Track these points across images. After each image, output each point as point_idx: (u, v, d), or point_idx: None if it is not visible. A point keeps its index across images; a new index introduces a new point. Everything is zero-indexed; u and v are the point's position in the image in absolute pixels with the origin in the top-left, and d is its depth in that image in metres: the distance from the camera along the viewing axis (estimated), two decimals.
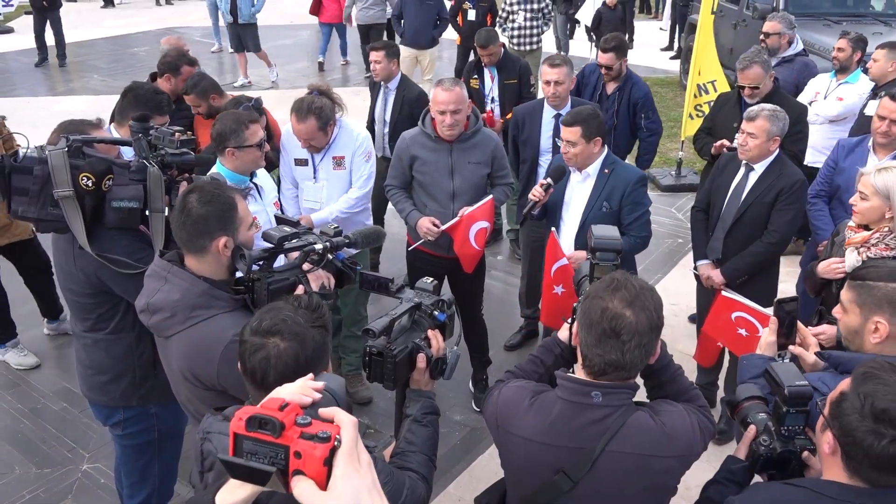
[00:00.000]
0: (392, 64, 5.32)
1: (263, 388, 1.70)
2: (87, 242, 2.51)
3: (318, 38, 12.65)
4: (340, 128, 3.94)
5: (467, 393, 4.56)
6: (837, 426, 1.64)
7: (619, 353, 1.80)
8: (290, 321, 1.69)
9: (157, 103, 3.44)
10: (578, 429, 1.85)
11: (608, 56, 5.09)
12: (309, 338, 1.69)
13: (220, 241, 2.18)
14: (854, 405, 1.60)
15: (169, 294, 2.18)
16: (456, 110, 3.76)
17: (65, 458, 4.01)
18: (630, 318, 1.78)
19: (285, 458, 0.98)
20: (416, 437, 2.02)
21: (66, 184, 2.44)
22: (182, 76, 4.74)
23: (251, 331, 1.71)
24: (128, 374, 2.79)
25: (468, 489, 3.76)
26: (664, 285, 5.78)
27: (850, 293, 2.17)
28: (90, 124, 2.78)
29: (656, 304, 1.83)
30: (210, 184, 2.27)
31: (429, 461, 2.02)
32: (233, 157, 3.26)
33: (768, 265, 3.82)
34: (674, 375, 2.08)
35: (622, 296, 1.80)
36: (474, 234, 3.91)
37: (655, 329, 1.83)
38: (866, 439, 1.57)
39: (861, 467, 1.61)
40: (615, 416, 1.84)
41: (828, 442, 1.67)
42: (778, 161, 3.69)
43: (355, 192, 4.01)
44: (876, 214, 2.89)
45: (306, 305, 1.75)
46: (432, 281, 2.16)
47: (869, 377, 1.63)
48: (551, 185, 3.64)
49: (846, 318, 2.18)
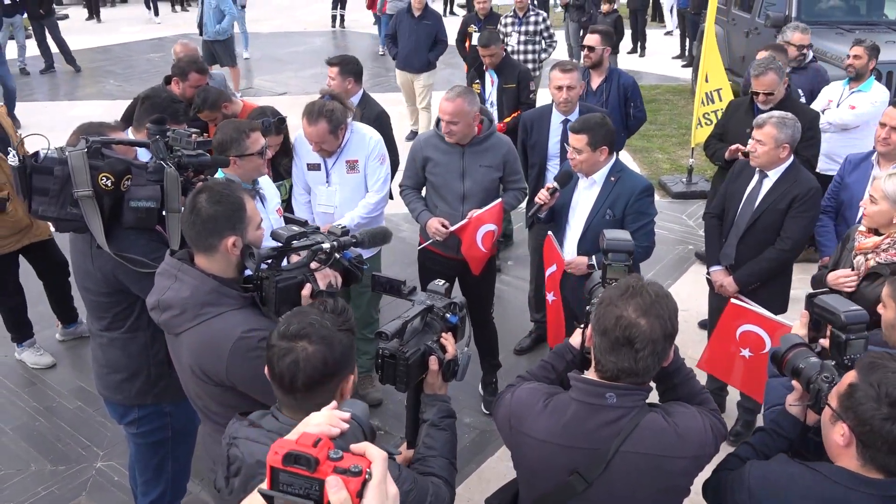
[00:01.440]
0: (347, 82, 4.80)
1: (292, 392, 1.73)
2: (105, 242, 2.55)
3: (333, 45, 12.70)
4: (352, 132, 3.97)
5: (477, 396, 4.58)
6: (852, 416, 1.69)
7: (633, 362, 1.80)
8: (318, 325, 1.72)
9: (174, 111, 3.52)
10: (592, 430, 1.86)
11: (594, 38, 5.16)
12: (336, 341, 1.72)
13: (229, 240, 2.22)
14: (868, 394, 1.66)
15: (179, 291, 2.22)
16: (452, 121, 3.80)
17: (79, 455, 4.06)
18: (644, 327, 1.78)
19: (319, 491, 1.05)
20: (436, 441, 2.04)
21: (86, 184, 2.49)
22: (190, 82, 4.79)
23: (279, 335, 1.74)
24: (143, 373, 2.83)
25: (477, 490, 3.78)
26: (674, 291, 5.78)
27: (889, 288, 2.22)
28: (109, 126, 2.83)
29: (671, 312, 1.83)
30: (220, 184, 2.31)
31: (450, 464, 2.04)
32: (235, 166, 3.30)
33: (781, 272, 3.82)
34: (686, 378, 2.09)
35: (637, 303, 1.80)
36: (482, 236, 3.95)
37: (669, 337, 1.83)
38: (885, 426, 1.63)
39: (878, 455, 1.67)
40: (629, 417, 1.85)
41: (842, 434, 1.72)
42: (793, 168, 3.69)
43: (373, 196, 4.04)
44: (885, 218, 2.90)
45: (332, 309, 1.78)
46: (444, 283, 2.18)
47: (876, 367, 1.68)
48: (557, 190, 3.67)
49: (886, 313, 2.23)
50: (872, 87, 5.32)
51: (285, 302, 2.26)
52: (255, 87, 11.64)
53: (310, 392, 1.73)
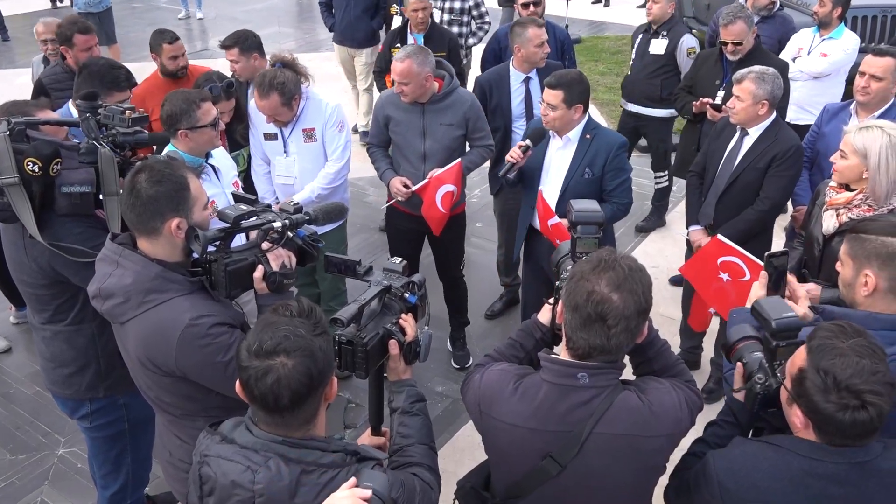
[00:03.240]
0: (253, 59, 4.36)
1: (277, 411, 1.61)
2: (37, 231, 2.39)
3: (292, 2, 12.24)
4: (308, 98, 3.83)
5: (447, 363, 4.54)
6: (805, 404, 1.69)
7: (605, 339, 1.76)
8: (293, 336, 1.59)
9: (114, 78, 3.27)
10: (565, 412, 1.81)
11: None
12: (316, 349, 1.60)
13: (173, 222, 2.08)
14: (816, 383, 1.65)
15: (121, 279, 2.09)
16: (403, 82, 3.74)
17: (40, 443, 3.94)
18: (617, 303, 1.73)
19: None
20: (410, 428, 1.98)
21: (11, 170, 2.30)
22: (79, 46, 4.41)
23: (251, 354, 1.59)
24: (92, 365, 2.70)
25: (452, 460, 3.75)
26: (644, 248, 5.75)
27: (846, 245, 2.20)
28: (35, 105, 2.63)
29: (645, 287, 1.77)
30: (160, 163, 2.15)
31: (429, 449, 1.99)
32: (186, 139, 3.12)
33: (761, 232, 3.75)
34: (660, 351, 2.04)
35: (610, 278, 1.74)
36: (441, 196, 3.89)
37: (643, 312, 1.79)
38: (836, 414, 1.63)
39: (834, 438, 1.68)
40: (602, 397, 1.81)
41: (798, 416, 1.72)
42: (774, 126, 3.60)
43: (333, 165, 3.92)
44: (854, 174, 2.83)
45: (299, 312, 1.65)
46: (401, 261, 2.09)
47: (824, 350, 1.66)
48: (530, 147, 3.55)
49: (842, 271, 2.20)
50: (843, 35, 5.24)
51: (237, 286, 2.16)
52: (210, 49, 11.23)
53: (297, 408, 1.61)
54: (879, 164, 2.75)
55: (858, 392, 1.60)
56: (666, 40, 5.45)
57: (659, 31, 5.50)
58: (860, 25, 7.12)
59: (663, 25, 5.48)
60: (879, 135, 2.76)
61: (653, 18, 5.51)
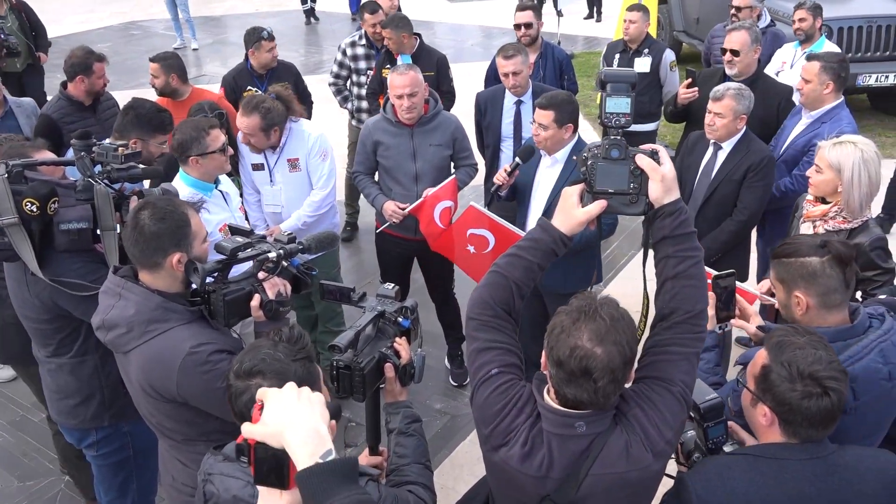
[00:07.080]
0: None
1: None
2: (38, 268, 2.47)
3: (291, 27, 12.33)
4: (291, 130, 3.92)
5: (445, 380, 4.60)
6: (771, 398, 1.79)
7: (592, 393, 1.71)
8: (270, 359, 1.70)
9: (160, 122, 3.42)
10: (567, 462, 1.80)
11: (527, 14, 5.05)
12: (291, 373, 1.68)
13: (174, 256, 2.19)
14: (781, 375, 1.77)
15: (124, 310, 2.18)
16: (412, 93, 3.84)
17: (47, 469, 4.00)
18: (602, 357, 1.67)
19: None
20: (407, 448, 2.07)
21: (10, 211, 2.39)
22: (96, 74, 4.54)
23: (234, 374, 1.72)
24: (96, 396, 2.78)
25: (450, 476, 3.80)
26: (639, 261, 5.80)
27: (773, 271, 2.28)
28: (31, 146, 2.73)
29: (629, 336, 1.71)
30: (162, 199, 2.26)
31: (425, 468, 2.06)
32: (197, 165, 3.26)
33: (740, 242, 3.86)
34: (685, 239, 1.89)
35: (592, 330, 1.68)
36: (439, 213, 3.99)
37: (629, 363, 1.73)
38: (802, 403, 1.74)
39: (800, 429, 1.79)
40: (597, 441, 1.79)
41: (763, 415, 1.81)
42: (745, 139, 3.73)
43: (318, 193, 4.01)
44: (829, 187, 2.94)
45: (287, 338, 1.75)
46: (394, 287, 2.17)
47: (783, 346, 1.79)
48: (519, 165, 3.67)
49: (777, 294, 2.29)
50: (824, 47, 5.35)
51: (234, 314, 2.25)
52: (209, 75, 11.36)
53: None
54: (853, 179, 2.85)
55: (820, 379, 1.74)
56: (649, 58, 5.58)
57: (640, 50, 5.63)
58: (846, 36, 7.25)
59: (643, 44, 5.62)
60: (852, 150, 2.87)
61: (630, 38, 5.63)
